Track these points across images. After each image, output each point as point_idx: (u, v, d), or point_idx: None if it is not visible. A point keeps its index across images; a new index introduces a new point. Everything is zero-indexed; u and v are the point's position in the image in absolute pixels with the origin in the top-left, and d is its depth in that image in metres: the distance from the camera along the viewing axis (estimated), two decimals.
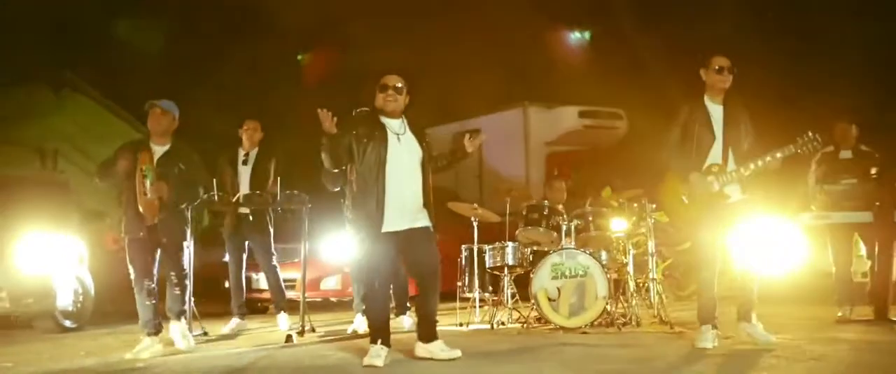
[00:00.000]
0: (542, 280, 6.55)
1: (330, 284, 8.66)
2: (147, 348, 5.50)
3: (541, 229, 6.88)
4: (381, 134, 4.95)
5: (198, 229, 7.17)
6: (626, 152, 12.39)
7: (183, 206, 5.82)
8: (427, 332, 5.04)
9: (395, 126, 5.02)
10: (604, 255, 6.93)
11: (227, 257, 7.54)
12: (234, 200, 6.98)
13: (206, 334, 6.61)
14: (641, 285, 7.20)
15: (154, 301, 5.65)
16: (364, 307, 6.85)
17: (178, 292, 5.83)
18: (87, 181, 8.00)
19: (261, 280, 8.40)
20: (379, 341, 4.89)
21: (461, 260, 7.27)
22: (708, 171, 5.32)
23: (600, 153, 12.58)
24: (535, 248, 7.00)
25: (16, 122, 11.39)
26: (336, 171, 5.29)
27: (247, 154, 7.42)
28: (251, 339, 6.53)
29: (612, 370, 4.70)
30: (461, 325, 6.86)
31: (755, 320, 5.39)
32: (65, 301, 7.33)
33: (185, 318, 5.98)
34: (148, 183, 5.43)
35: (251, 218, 7.16)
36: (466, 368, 4.78)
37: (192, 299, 6.37)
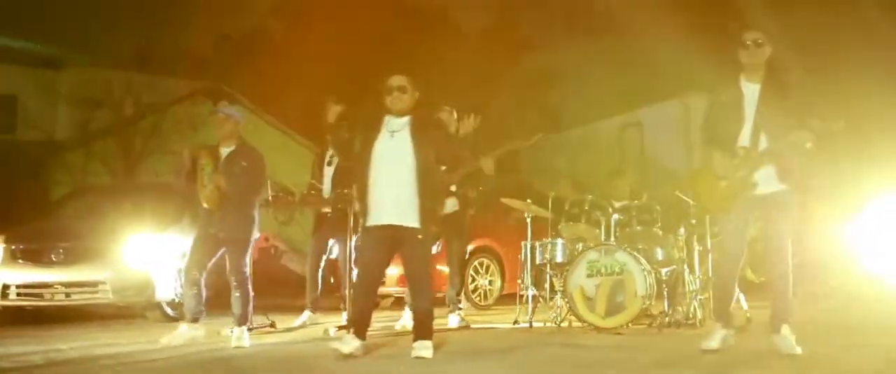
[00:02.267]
0: (578, 278, 6.31)
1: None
2: (182, 334, 5.90)
3: (581, 225, 6.62)
4: (374, 132, 5.07)
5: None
6: None
7: (249, 204, 6.04)
8: (417, 331, 5.07)
9: (395, 124, 5.09)
10: (660, 252, 6.55)
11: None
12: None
13: (273, 324, 6.99)
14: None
15: (197, 291, 5.99)
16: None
17: (237, 295, 5.96)
18: None
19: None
20: (351, 330, 5.00)
21: (520, 257, 7.17)
22: (735, 154, 4.82)
23: None
24: (582, 244, 6.74)
25: (180, 134, 12.65)
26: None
27: (332, 154, 7.73)
28: (304, 333, 6.79)
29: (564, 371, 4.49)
30: (515, 323, 6.79)
31: (787, 331, 4.76)
32: (166, 294, 8.06)
33: (248, 323, 6.03)
34: (206, 175, 5.86)
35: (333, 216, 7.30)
36: (426, 367, 4.74)
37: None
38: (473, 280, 9.29)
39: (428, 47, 21.42)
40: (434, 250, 8.70)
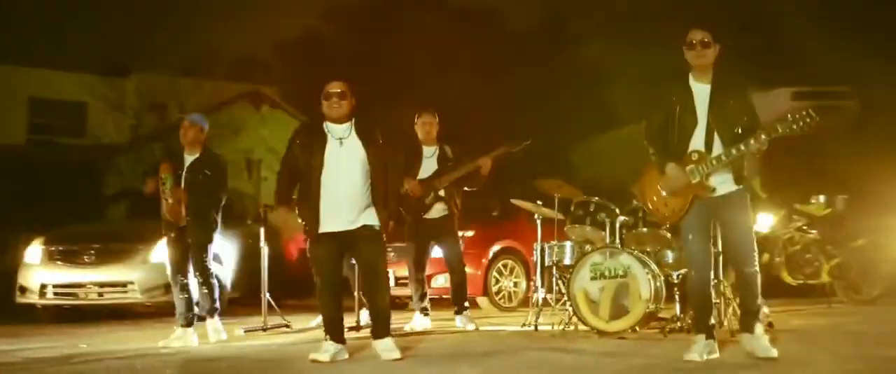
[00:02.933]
0: (582, 281, 6.24)
1: (439, 282, 8.84)
2: (178, 337, 6.11)
3: (587, 227, 6.56)
4: (320, 140, 5.14)
5: None
6: (858, 136, 11.16)
7: (210, 209, 6.28)
8: (376, 329, 5.15)
9: (339, 131, 5.15)
10: (670, 254, 6.44)
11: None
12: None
13: (288, 325, 7.14)
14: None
15: (186, 296, 6.23)
16: (421, 306, 7.10)
17: (205, 291, 6.32)
18: None
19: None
20: (328, 337, 5.07)
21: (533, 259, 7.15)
22: (688, 159, 4.76)
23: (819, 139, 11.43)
24: (589, 247, 6.68)
25: (221, 139, 12.98)
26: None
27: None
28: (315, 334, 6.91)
29: None
30: (523, 326, 6.78)
31: (760, 331, 4.70)
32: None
33: (219, 315, 6.43)
34: (167, 189, 6.08)
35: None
36: (403, 369, 4.80)
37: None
38: (497, 282, 9.29)
39: (477, 47, 21.48)
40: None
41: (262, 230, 7.23)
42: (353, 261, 7.60)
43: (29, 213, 9.86)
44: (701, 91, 4.77)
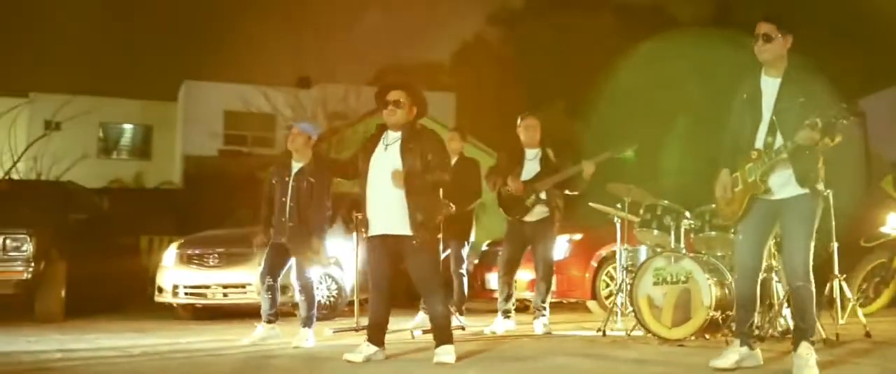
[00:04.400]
0: (645, 287, 6.07)
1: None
2: (259, 334, 6.48)
3: (653, 231, 6.33)
4: (372, 144, 5.34)
5: None
6: None
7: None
8: (435, 337, 5.22)
9: (390, 138, 5.30)
10: None
11: None
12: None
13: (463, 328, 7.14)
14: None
15: (271, 296, 6.52)
16: (505, 308, 7.13)
17: (302, 298, 6.40)
18: None
19: (492, 280, 9.02)
20: (367, 339, 5.26)
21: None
22: (749, 157, 4.51)
23: None
24: (659, 250, 6.44)
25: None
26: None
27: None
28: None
29: None
30: (597, 330, 6.68)
31: (804, 350, 4.33)
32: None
33: (313, 323, 6.38)
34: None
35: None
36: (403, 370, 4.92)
37: None
38: (607, 286, 9.10)
39: (646, 42, 20.91)
40: (561, 255, 8.84)
41: (354, 235, 7.47)
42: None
43: (219, 220, 10.72)
44: (770, 86, 4.54)
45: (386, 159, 5.24)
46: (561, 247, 9.02)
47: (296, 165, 6.52)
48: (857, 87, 15.11)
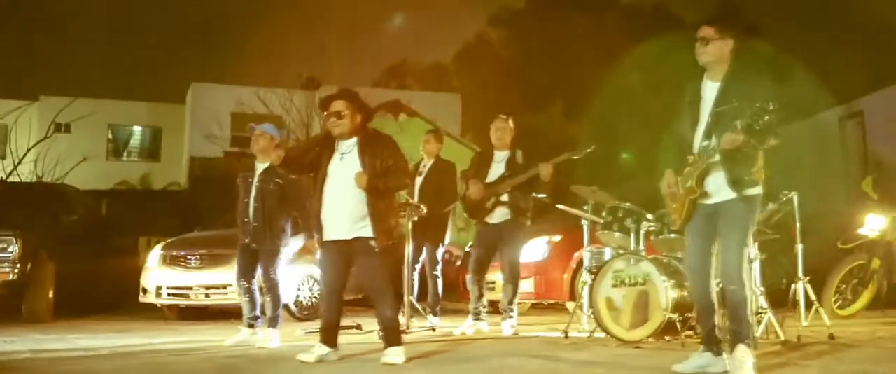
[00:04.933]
0: (605, 288, 6.11)
1: (524, 287, 8.82)
2: (241, 337, 6.53)
3: (616, 233, 6.36)
4: (328, 152, 5.42)
5: None
6: None
7: (278, 217, 6.50)
8: (384, 339, 5.29)
9: (344, 147, 5.38)
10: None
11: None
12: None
13: (358, 327, 7.33)
14: None
15: (249, 299, 6.58)
16: (476, 310, 7.19)
17: (268, 299, 6.50)
18: None
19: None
20: (321, 341, 5.33)
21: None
22: (687, 163, 4.52)
23: None
24: (621, 252, 6.47)
25: None
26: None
27: (423, 166, 8.23)
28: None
29: None
30: (562, 333, 6.71)
31: (741, 353, 4.32)
32: (290, 295, 8.84)
33: (278, 324, 6.49)
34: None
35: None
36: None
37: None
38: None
39: (649, 43, 20.86)
40: (541, 257, 8.89)
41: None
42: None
43: (220, 219, 10.84)
44: (711, 89, 4.54)
45: (343, 168, 5.31)
46: (540, 248, 9.09)
47: (260, 166, 6.58)
48: (863, 86, 15.01)
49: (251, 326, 6.62)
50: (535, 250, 8.99)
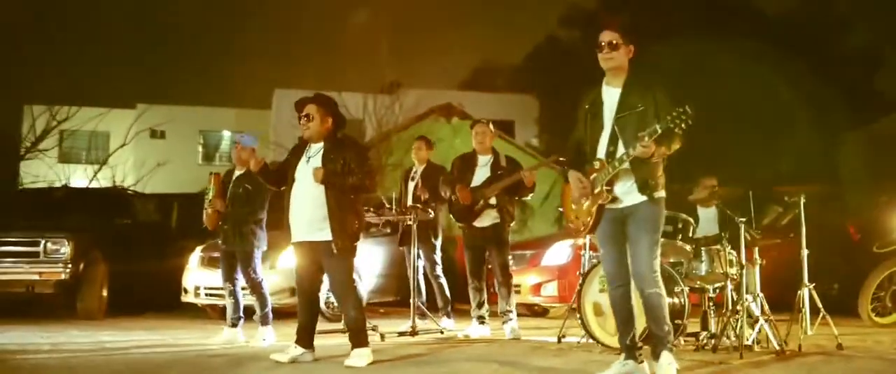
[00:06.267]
0: (592, 293, 6.03)
1: (549, 290, 8.77)
2: (224, 337, 6.82)
3: None
4: (298, 157, 5.56)
5: None
6: None
7: (249, 221, 6.73)
8: (350, 340, 5.39)
9: (312, 150, 5.54)
10: (703, 267, 5.98)
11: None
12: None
13: (374, 328, 7.51)
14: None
15: (233, 300, 6.88)
16: (478, 314, 7.19)
17: (254, 298, 6.78)
18: None
19: None
20: (296, 341, 5.47)
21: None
22: (592, 168, 4.51)
23: None
24: None
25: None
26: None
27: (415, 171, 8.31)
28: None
29: None
30: (558, 338, 6.64)
31: (666, 359, 4.32)
32: (323, 297, 9.01)
33: (268, 321, 6.78)
34: (206, 199, 6.85)
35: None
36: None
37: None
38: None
39: (730, 36, 20.22)
40: (565, 260, 8.80)
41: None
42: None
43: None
44: (611, 95, 4.53)
45: (307, 171, 5.45)
46: (564, 252, 9.00)
47: (236, 173, 6.92)
48: None
49: (234, 325, 6.90)
50: (558, 253, 8.92)
